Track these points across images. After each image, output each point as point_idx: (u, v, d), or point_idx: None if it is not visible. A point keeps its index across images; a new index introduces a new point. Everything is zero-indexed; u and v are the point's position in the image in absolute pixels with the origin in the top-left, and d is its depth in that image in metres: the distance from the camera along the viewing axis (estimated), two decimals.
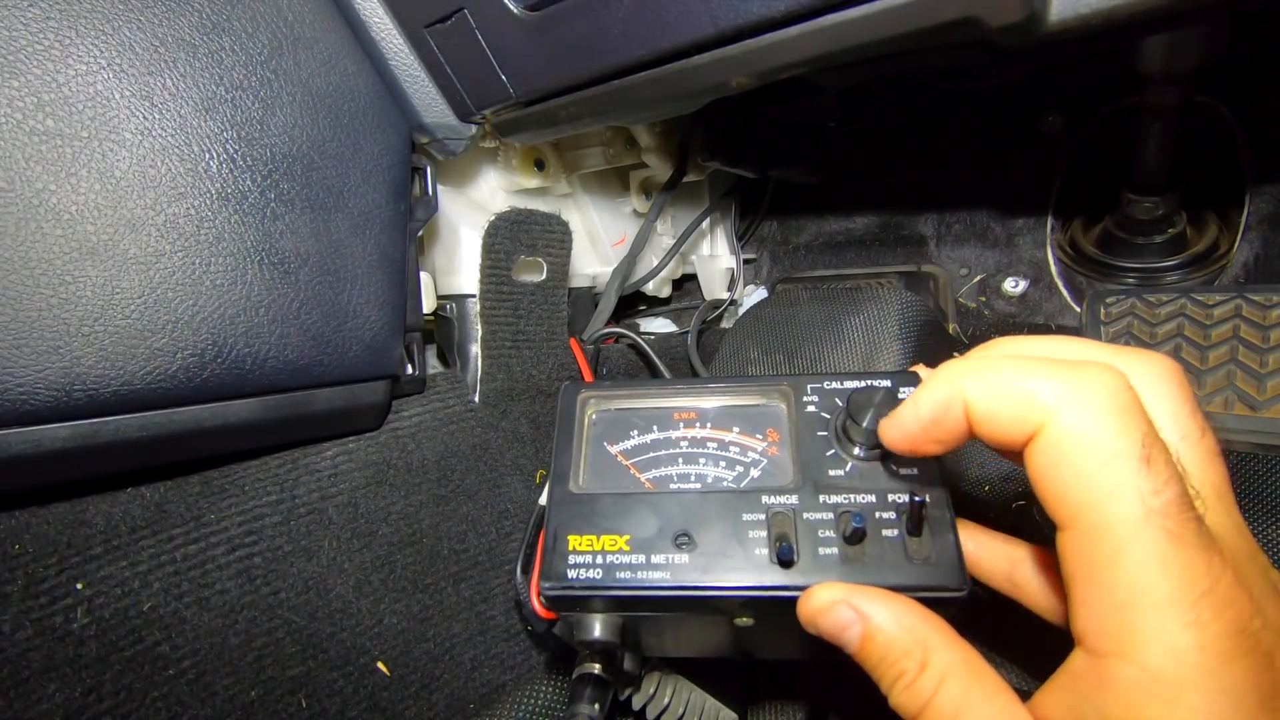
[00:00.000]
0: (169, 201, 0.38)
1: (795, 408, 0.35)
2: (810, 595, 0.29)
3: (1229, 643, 0.20)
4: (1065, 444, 0.22)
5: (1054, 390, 0.23)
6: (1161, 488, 0.21)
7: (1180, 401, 0.25)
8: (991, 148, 0.77)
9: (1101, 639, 0.22)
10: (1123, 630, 0.21)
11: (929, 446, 0.27)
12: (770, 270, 0.92)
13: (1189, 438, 0.24)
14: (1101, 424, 0.22)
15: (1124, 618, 0.21)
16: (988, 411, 0.24)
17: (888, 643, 0.26)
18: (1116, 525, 0.21)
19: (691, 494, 0.34)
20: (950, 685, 0.25)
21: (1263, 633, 0.21)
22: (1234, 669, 0.20)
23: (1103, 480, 0.22)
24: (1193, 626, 0.20)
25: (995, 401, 0.24)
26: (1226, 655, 0.20)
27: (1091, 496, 0.22)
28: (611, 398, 0.38)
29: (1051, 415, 0.23)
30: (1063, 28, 0.31)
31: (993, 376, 0.24)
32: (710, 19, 0.37)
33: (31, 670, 0.35)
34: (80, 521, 0.39)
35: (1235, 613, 0.21)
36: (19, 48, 0.34)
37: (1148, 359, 0.26)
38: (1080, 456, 0.22)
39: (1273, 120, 0.62)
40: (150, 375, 0.37)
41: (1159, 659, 0.21)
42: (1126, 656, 0.21)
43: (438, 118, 0.51)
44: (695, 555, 0.32)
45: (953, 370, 0.26)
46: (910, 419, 0.27)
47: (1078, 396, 0.22)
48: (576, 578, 0.32)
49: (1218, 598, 0.21)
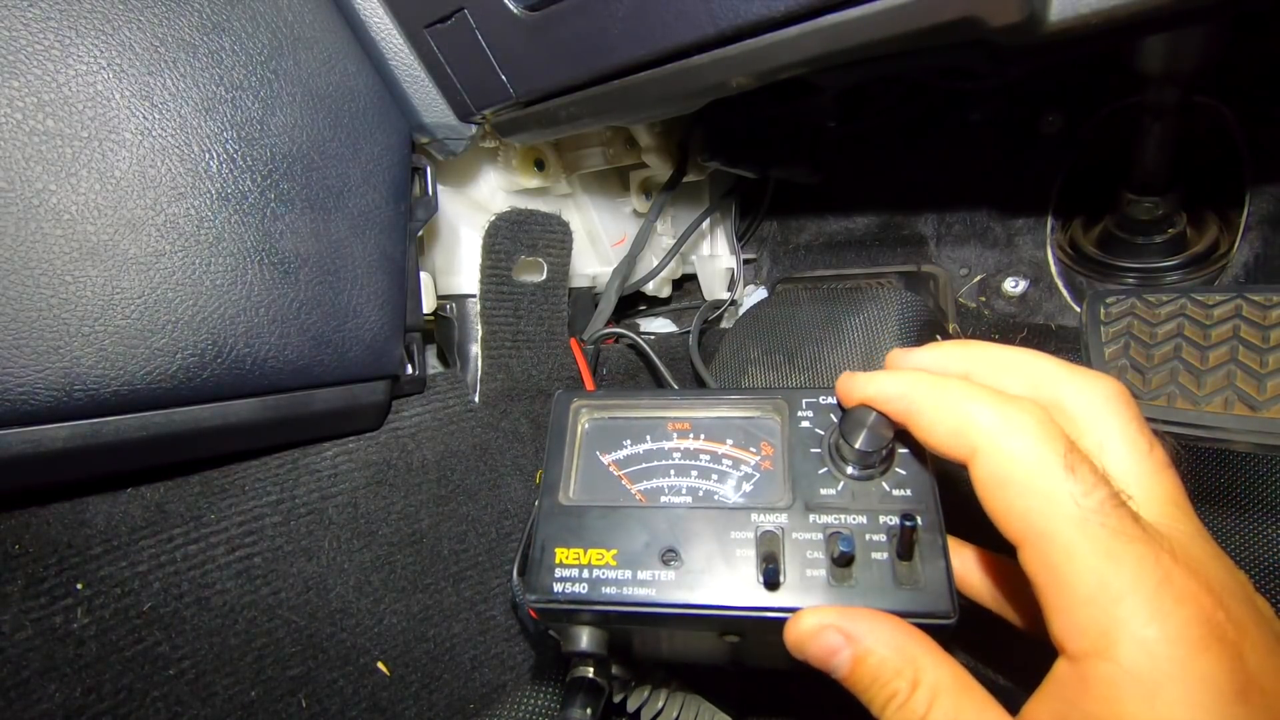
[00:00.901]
0: (169, 201, 0.38)
1: (789, 422, 0.35)
2: (797, 620, 0.29)
3: (1195, 631, 0.21)
4: (1000, 465, 0.25)
5: (989, 418, 0.26)
6: (1090, 489, 0.23)
7: (1127, 419, 0.27)
8: (991, 148, 0.77)
9: (1077, 640, 0.23)
10: (1092, 626, 0.22)
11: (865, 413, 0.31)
12: (770, 270, 0.92)
13: (1137, 453, 0.26)
14: (1028, 445, 0.24)
15: (1091, 613, 0.22)
16: (929, 423, 0.28)
17: (879, 664, 0.26)
18: (1059, 528, 0.23)
19: (681, 509, 0.33)
20: (942, 702, 0.25)
21: (1228, 625, 0.21)
22: (1207, 658, 0.21)
23: (1037, 490, 0.24)
24: (1156, 617, 0.21)
25: (937, 417, 0.27)
26: (1196, 645, 0.21)
27: (1032, 505, 0.24)
28: (604, 407, 0.38)
29: (986, 440, 0.25)
30: (1062, 28, 0.31)
31: (941, 395, 0.27)
32: (710, 19, 0.37)
33: (31, 670, 0.35)
34: (80, 521, 0.39)
35: (1198, 605, 0.22)
36: (19, 48, 0.34)
37: (1095, 381, 0.28)
38: (1014, 473, 0.24)
39: (1273, 120, 0.62)
40: (150, 375, 0.37)
41: (1131, 654, 0.21)
42: (1102, 655, 0.22)
43: (438, 118, 0.51)
44: (681, 573, 0.32)
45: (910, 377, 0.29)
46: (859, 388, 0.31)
47: (1007, 425, 0.25)
48: (562, 591, 0.32)
49: (1175, 587, 0.22)
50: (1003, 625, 0.33)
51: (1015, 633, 0.33)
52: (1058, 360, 0.29)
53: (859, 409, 0.31)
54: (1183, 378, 0.51)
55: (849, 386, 0.32)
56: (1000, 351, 0.30)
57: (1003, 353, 0.29)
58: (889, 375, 0.30)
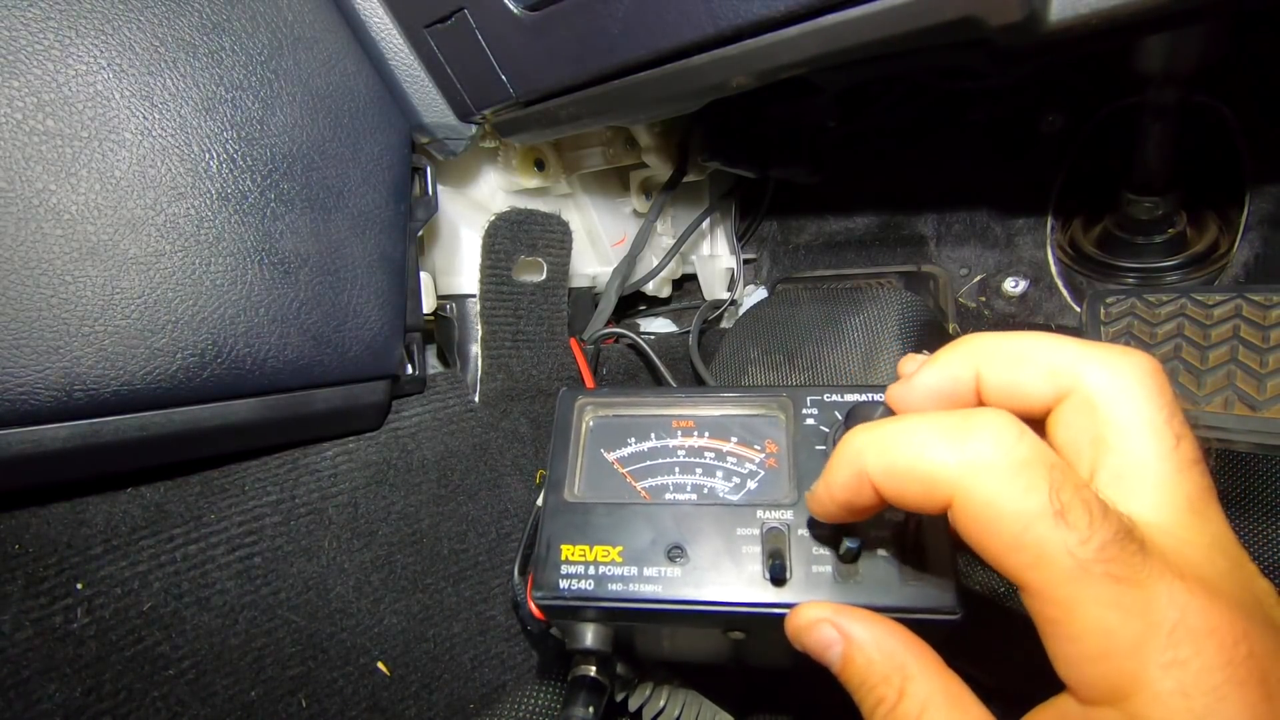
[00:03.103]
0: (169, 201, 0.38)
1: (794, 420, 0.35)
2: (796, 613, 0.29)
3: (1215, 678, 0.19)
4: (979, 516, 0.21)
5: (949, 459, 0.22)
6: (1087, 535, 0.20)
7: (1156, 406, 0.23)
8: (991, 147, 0.77)
9: (1086, 691, 0.21)
10: (1102, 681, 0.21)
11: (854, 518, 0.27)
12: (770, 270, 0.92)
13: (1161, 445, 0.23)
14: (1004, 488, 0.21)
15: (1101, 669, 0.21)
16: (896, 491, 0.24)
17: (867, 665, 0.26)
18: (1057, 584, 0.21)
19: (686, 505, 0.33)
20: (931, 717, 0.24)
21: (1250, 659, 0.19)
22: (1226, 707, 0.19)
23: (1026, 545, 0.21)
24: (1172, 668, 0.19)
25: (897, 481, 0.23)
26: (1216, 693, 0.19)
27: (1025, 562, 0.21)
28: (609, 404, 0.38)
29: (955, 487, 0.22)
30: (1062, 28, 0.31)
31: (889, 453, 0.24)
32: (710, 19, 0.37)
33: (31, 670, 0.35)
34: (80, 521, 0.39)
35: (1217, 642, 0.20)
36: (19, 48, 0.34)
37: (1122, 359, 0.24)
38: (997, 526, 0.21)
39: (1273, 120, 0.62)
40: (150, 375, 0.37)
41: (1146, 708, 0.20)
42: (1114, 706, 0.20)
43: (438, 118, 0.51)
44: (688, 569, 0.32)
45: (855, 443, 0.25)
46: (826, 499, 0.27)
47: (972, 462, 0.22)
48: (568, 588, 0.32)
49: (1191, 630, 0.20)
50: (1004, 626, 0.33)
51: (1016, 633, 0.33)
52: (1077, 340, 0.25)
53: (865, 405, 0.32)
54: (1183, 378, 0.51)
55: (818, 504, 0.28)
56: (1009, 341, 0.26)
57: (1012, 342, 0.26)
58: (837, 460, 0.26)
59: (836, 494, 0.26)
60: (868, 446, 0.24)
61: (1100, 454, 0.24)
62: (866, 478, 0.24)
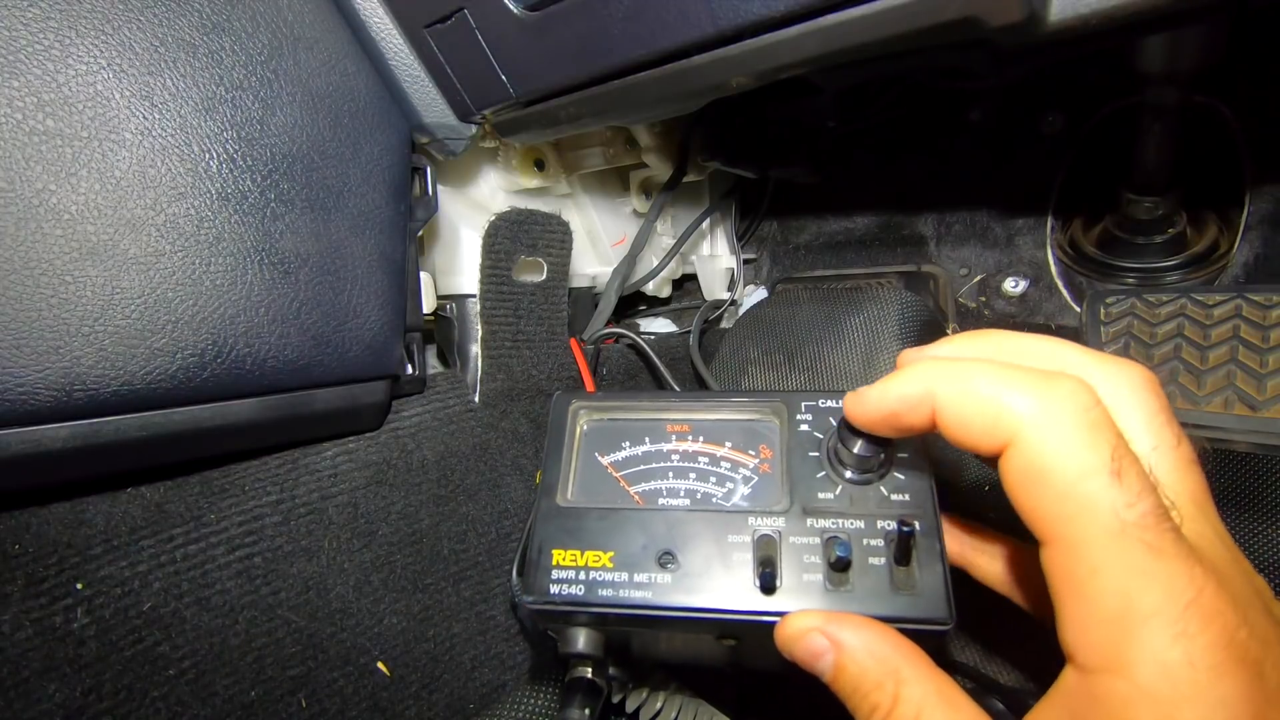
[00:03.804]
0: (169, 201, 0.38)
1: (788, 425, 0.35)
2: (786, 622, 0.29)
3: (1219, 654, 0.20)
4: (1037, 460, 0.22)
5: (1026, 403, 0.23)
6: (1135, 500, 0.21)
7: (1154, 411, 0.25)
8: (991, 147, 0.77)
9: (1091, 655, 0.22)
10: (1111, 645, 0.21)
11: (887, 431, 0.28)
12: (770, 270, 0.92)
13: (1163, 447, 0.24)
14: (1072, 439, 0.22)
15: (1111, 633, 0.21)
16: (959, 418, 0.24)
17: (860, 673, 0.26)
18: (1094, 540, 0.21)
19: (678, 511, 0.33)
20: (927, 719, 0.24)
21: (1250, 642, 0.21)
22: (1226, 682, 0.20)
23: (1076, 496, 0.21)
24: (1181, 639, 0.20)
25: (967, 409, 0.24)
26: (1217, 668, 0.20)
27: (1067, 511, 0.22)
28: (603, 408, 0.38)
29: (1023, 429, 0.23)
30: (1062, 28, 0.31)
31: (966, 382, 0.24)
32: (710, 19, 0.37)
33: (31, 670, 0.35)
34: (80, 521, 0.39)
35: (1222, 623, 0.20)
36: (19, 48, 0.34)
37: (1122, 368, 0.26)
38: (1053, 472, 0.22)
39: (1273, 120, 0.62)
40: (150, 375, 0.37)
41: (1150, 674, 0.20)
42: (1117, 672, 0.21)
43: (438, 118, 0.51)
44: (678, 575, 0.31)
45: (927, 369, 0.26)
46: (875, 403, 0.27)
47: (1048, 411, 0.22)
48: (559, 593, 0.32)
49: (1203, 608, 0.20)
50: (1004, 625, 0.33)
51: (1017, 632, 0.33)
52: (1081, 347, 0.27)
53: None
54: (1183, 378, 0.51)
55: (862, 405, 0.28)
56: (1019, 339, 0.27)
57: (1022, 340, 0.27)
58: (905, 374, 0.26)
59: (891, 403, 0.26)
60: (942, 372, 0.25)
61: None
62: (930, 400, 0.25)
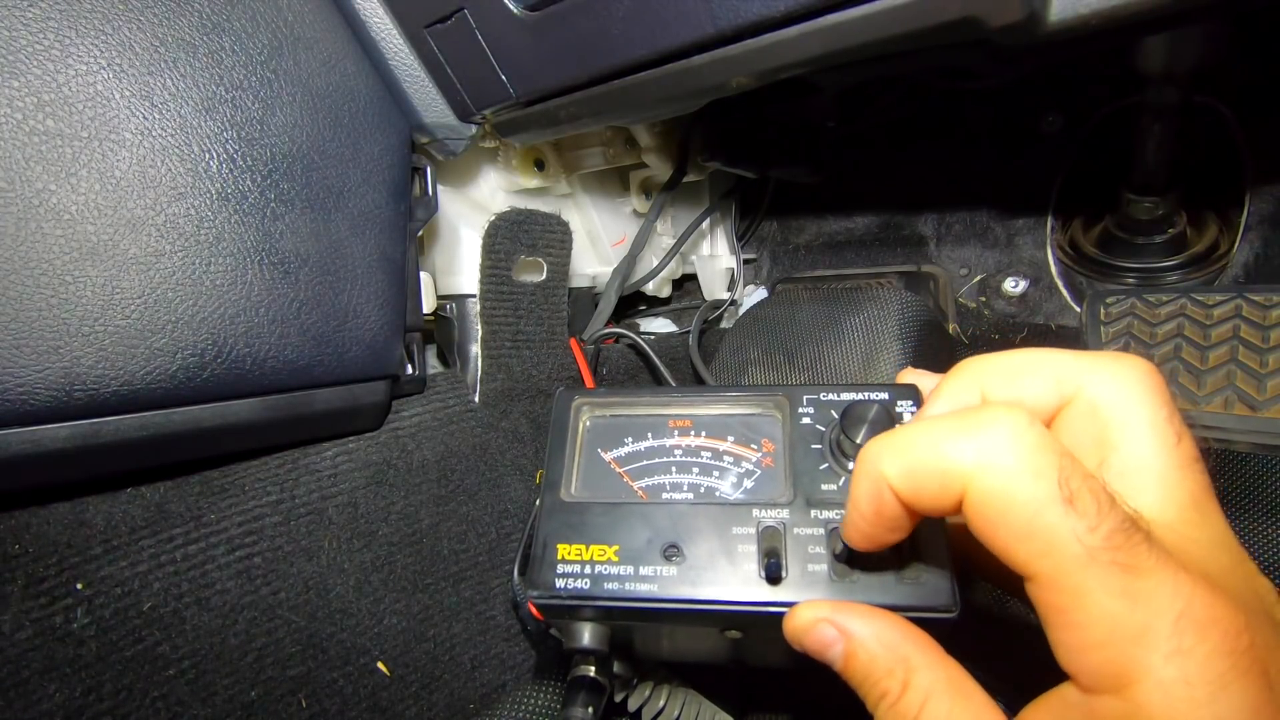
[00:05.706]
0: (169, 201, 0.38)
1: (790, 419, 0.35)
2: (794, 613, 0.28)
3: (1219, 666, 0.20)
4: (990, 504, 0.22)
5: (962, 451, 0.22)
6: (1096, 523, 0.20)
7: (1155, 406, 0.24)
8: (991, 148, 0.77)
9: (1087, 679, 0.21)
10: (1107, 667, 0.21)
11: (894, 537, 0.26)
12: (770, 270, 0.92)
13: (1163, 444, 0.24)
14: (1015, 474, 0.21)
15: (1105, 657, 0.21)
16: (915, 494, 0.23)
17: (869, 661, 0.26)
18: (1067, 572, 0.21)
19: (683, 505, 0.33)
20: (935, 706, 0.24)
21: (1252, 651, 0.20)
22: (1229, 694, 0.19)
23: (1036, 532, 0.21)
24: (1175, 656, 0.20)
25: (916, 482, 0.23)
26: (1219, 681, 0.20)
27: (1035, 549, 0.21)
28: (606, 404, 0.38)
29: (968, 478, 0.22)
30: (1062, 28, 0.31)
31: (906, 456, 0.24)
32: (710, 19, 0.37)
33: (31, 670, 0.35)
34: (80, 521, 0.39)
35: (1220, 632, 0.20)
36: (19, 48, 0.34)
37: (1118, 366, 0.25)
38: (1008, 513, 0.21)
39: (1273, 120, 0.62)
40: (150, 375, 0.37)
41: (1148, 695, 0.20)
42: (1116, 694, 0.21)
43: (438, 118, 0.51)
44: (684, 568, 0.32)
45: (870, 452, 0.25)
46: (856, 520, 0.26)
47: (984, 451, 0.22)
48: (564, 587, 0.32)
49: (1196, 619, 0.20)
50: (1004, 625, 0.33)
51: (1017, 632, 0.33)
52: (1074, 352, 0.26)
53: (861, 404, 0.32)
54: (1183, 378, 0.51)
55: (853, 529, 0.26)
56: (1011, 359, 0.27)
57: (1014, 359, 0.27)
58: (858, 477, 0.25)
59: (863, 510, 0.25)
60: (883, 452, 0.24)
61: (1104, 453, 0.24)
62: (886, 485, 0.24)
